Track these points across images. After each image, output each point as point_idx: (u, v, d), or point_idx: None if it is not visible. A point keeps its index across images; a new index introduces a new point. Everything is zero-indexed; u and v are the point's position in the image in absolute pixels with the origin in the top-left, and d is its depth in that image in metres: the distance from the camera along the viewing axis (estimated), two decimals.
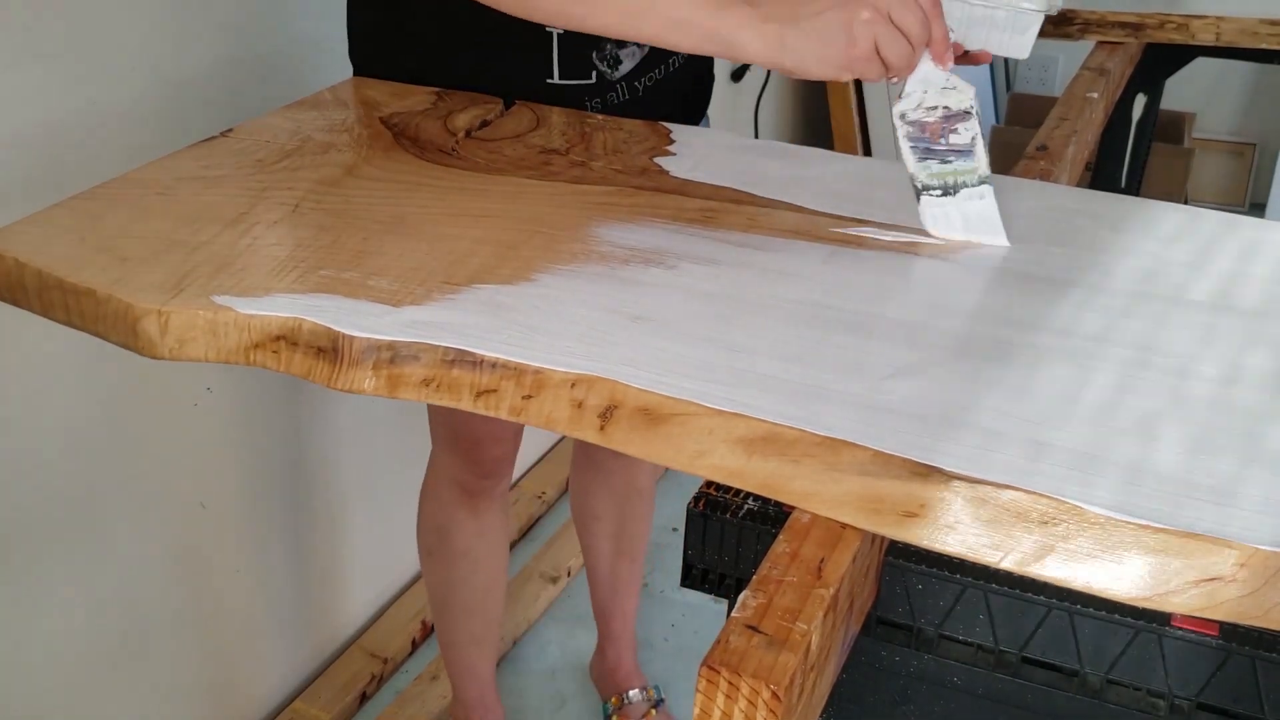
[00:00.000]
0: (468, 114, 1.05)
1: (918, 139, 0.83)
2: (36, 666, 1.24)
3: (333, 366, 0.72)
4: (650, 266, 0.79)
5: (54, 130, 1.12)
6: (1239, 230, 0.89)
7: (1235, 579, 0.55)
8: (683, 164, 0.96)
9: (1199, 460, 0.61)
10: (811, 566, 0.61)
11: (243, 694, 1.54)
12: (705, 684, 0.55)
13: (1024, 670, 0.68)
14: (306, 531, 1.60)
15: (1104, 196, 0.94)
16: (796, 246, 0.83)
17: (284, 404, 1.50)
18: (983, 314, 0.75)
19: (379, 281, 0.76)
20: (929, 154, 0.83)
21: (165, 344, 0.73)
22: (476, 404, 0.70)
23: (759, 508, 0.71)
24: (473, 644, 1.48)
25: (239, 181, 0.90)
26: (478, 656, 1.49)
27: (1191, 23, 1.52)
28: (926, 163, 0.84)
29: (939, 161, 0.83)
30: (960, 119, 0.82)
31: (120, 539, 1.30)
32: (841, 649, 0.66)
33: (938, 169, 0.83)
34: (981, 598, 0.67)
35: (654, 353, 0.69)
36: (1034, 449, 0.61)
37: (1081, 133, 1.26)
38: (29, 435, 1.17)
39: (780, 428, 0.63)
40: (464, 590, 1.42)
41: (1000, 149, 2.91)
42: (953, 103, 0.82)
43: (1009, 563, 0.59)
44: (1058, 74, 3.30)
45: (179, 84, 1.23)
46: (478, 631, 1.46)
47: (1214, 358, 0.70)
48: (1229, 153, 3.19)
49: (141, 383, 1.27)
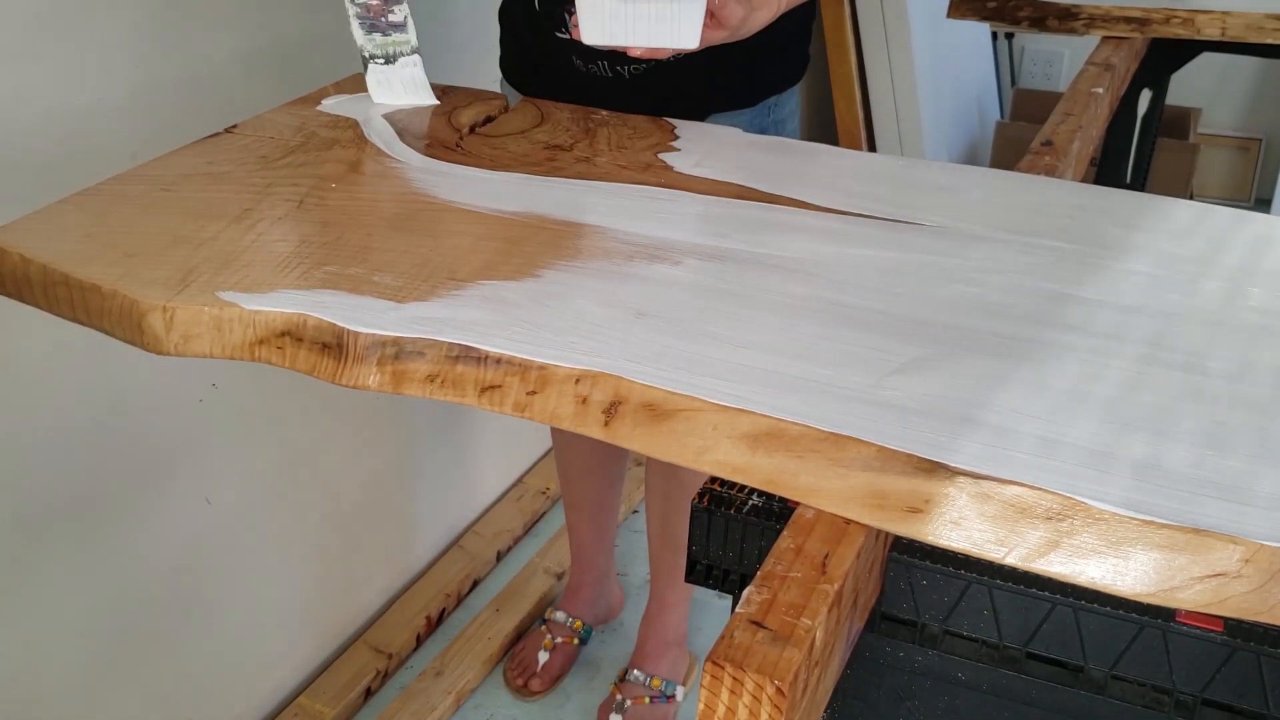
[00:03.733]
0: (472, 110, 1.05)
1: (364, 17, 1.02)
2: (41, 662, 1.24)
3: (338, 363, 0.72)
4: (654, 262, 0.79)
5: (59, 127, 1.12)
6: (1248, 226, 0.88)
7: (1240, 575, 0.55)
8: (687, 159, 0.96)
9: (1207, 456, 0.61)
10: (816, 562, 0.61)
11: (247, 689, 1.55)
12: (710, 679, 0.55)
13: (1029, 666, 0.68)
14: (311, 527, 1.60)
15: (1110, 192, 0.94)
16: (801, 242, 0.83)
17: (289, 400, 1.50)
18: (989, 310, 0.75)
19: (384, 277, 0.76)
20: (374, 28, 1.02)
21: (170, 340, 0.73)
22: (481, 400, 0.70)
23: (763, 503, 0.71)
24: (570, 506, 1.71)
25: (243, 178, 0.90)
26: (575, 517, 1.71)
27: (1197, 17, 1.52)
28: (373, 35, 1.02)
29: (382, 34, 1.02)
30: (394, 1, 1.02)
31: (126, 534, 1.30)
32: (845, 645, 0.66)
33: (381, 40, 1.02)
34: (986, 593, 0.67)
35: (658, 348, 0.69)
36: (1041, 445, 0.61)
37: (1086, 128, 1.26)
38: (33, 431, 1.17)
39: (784, 423, 0.63)
40: (560, 458, 1.68)
41: (1005, 144, 2.91)
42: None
43: (1014, 558, 0.59)
44: (1063, 69, 3.30)
45: (183, 80, 1.23)
46: (573, 496, 1.69)
47: (1223, 354, 0.70)
48: (1234, 148, 3.18)
49: (147, 379, 1.27)
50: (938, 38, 2.74)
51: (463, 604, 1.83)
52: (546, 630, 1.73)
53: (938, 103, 2.76)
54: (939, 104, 2.77)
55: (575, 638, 1.72)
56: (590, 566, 1.74)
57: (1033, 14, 1.56)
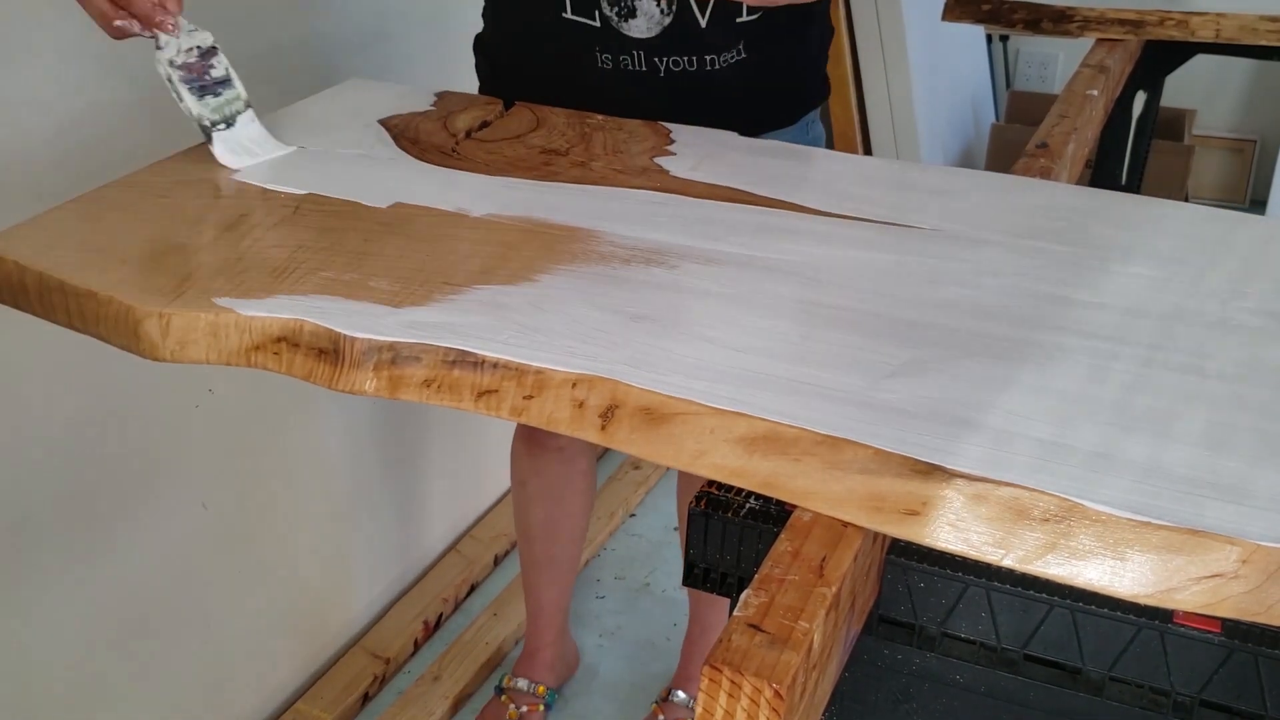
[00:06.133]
0: (468, 115, 1.05)
1: (190, 80, 0.93)
2: (37, 667, 1.24)
3: (334, 368, 0.72)
4: (651, 266, 0.79)
5: (55, 133, 1.12)
6: (1245, 228, 0.89)
7: (1238, 575, 0.55)
8: (683, 163, 0.96)
9: (1204, 457, 0.61)
10: (813, 565, 0.61)
11: (244, 695, 1.54)
12: (708, 683, 0.55)
13: (1026, 668, 0.68)
14: (308, 532, 1.60)
15: (1106, 194, 0.94)
16: (797, 245, 0.83)
17: (285, 405, 1.50)
18: (986, 312, 0.75)
19: (380, 283, 0.76)
20: (204, 91, 0.93)
21: (167, 346, 0.73)
22: (478, 405, 0.70)
23: (760, 506, 0.70)
24: (530, 567, 1.61)
25: (239, 184, 0.90)
26: (534, 579, 1.61)
27: (1191, 19, 1.52)
28: (205, 100, 0.93)
29: (213, 96, 0.93)
30: (211, 54, 0.94)
31: (122, 540, 1.30)
32: (843, 648, 0.66)
33: (214, 103, 0.93)
34: (984, 595, 0.67)
35: (655, 352, 0.69)
36: (1038, 447, 0.61)
37: (1081, 130, 1.26)
38: (30, 437, 1.17)
39: (781, 426, 0.63)
40: (522, 517, 1.57)
41: (1000, 146, 2.92)
42: (200, 41, 0.93)
43: (1011, 560, 0.59)
44: (1057, 71, 3.30)
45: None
46: (534, 556, 1.59)
47: (1221, 355, 0.70)
48: (1229, 150, 3.19)
49: (143, 385, 1.27)
50: (933, 41, 2.75)
51: (460, 608, 1.83)
52: (509, 700, 1.62)
53: (933, 105, 2.76)
54: (934, 107, 2.77)
55: (540, 704, 1.62)
56: (550, 627, 1.64)
57: (1027, 17, 1.56)
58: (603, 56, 1.11)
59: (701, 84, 1.12)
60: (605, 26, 1.09)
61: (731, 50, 1.12)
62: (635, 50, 1.10)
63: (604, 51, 1.11)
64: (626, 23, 1.08)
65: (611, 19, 1.08)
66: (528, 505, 1.55)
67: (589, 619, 1.82)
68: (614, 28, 1.09)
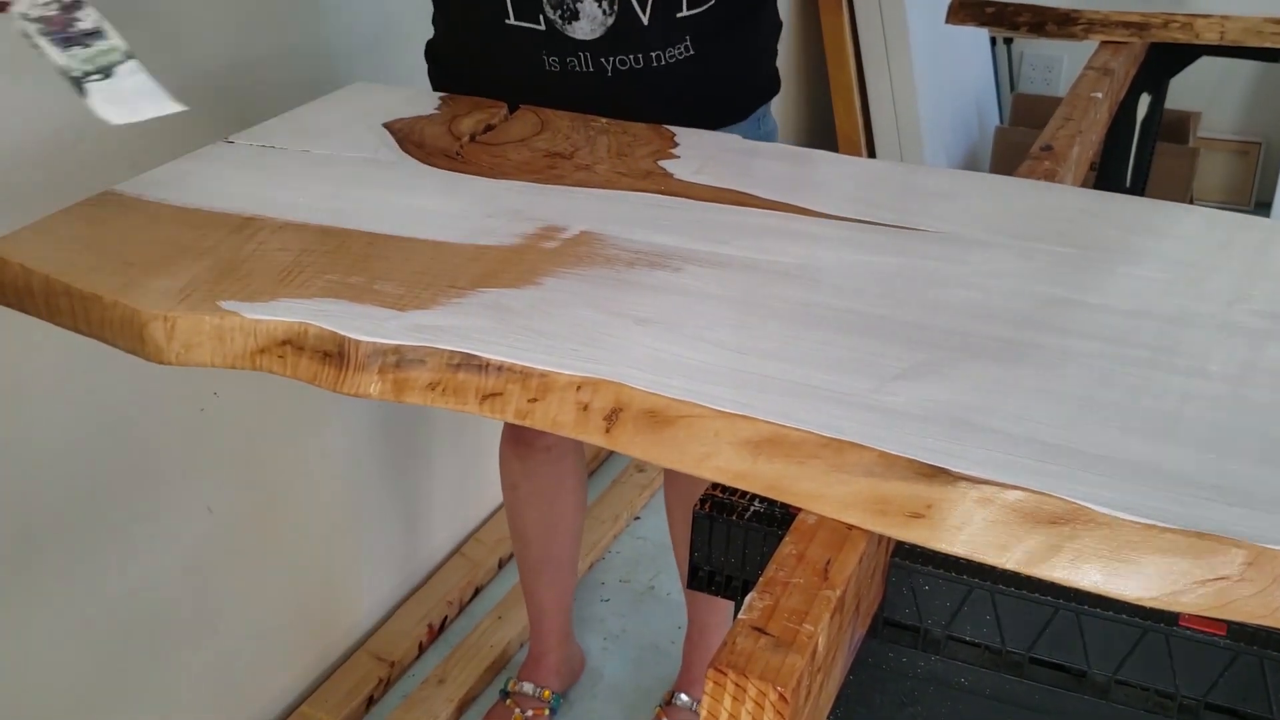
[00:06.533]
0: (472, 118, 1.05)
1: (50, 32, 0.84)
2: (43, 672, 1.24)
3: (339, 371, 0.72)
4: (655, 269, 0.79)
5: (59, 136, 1.13)
6: (1250, 230, 0.88)
7: (1244, 578, 0.55)
8: (687, 167, 0.96)
9: (1209, 460, 0.61)
10: (818, 568, 0.61)
11: (249, 698, 1.55)
12: (712, 686, 0.55)
13: (1031, 671, 0.68)
14: (313, 535, 1.60)
15: (1111, 196, 0.94)
16: (801, 248, 0.83)
17: (290, 409, 1.50)
18: (991, 315, 0.75)
19: (384, 286, 0.76)
20: (68, 42, 0.85)
21: (172, 349, 0.73)
22: (482, 407, 0.70)
23: (765, 509, 0.70)
24: (528, 570, 1.60)
25: (243, 187, 0.90)
26: (533, 583, 1.61)
27: (1196, 22, 1.52)
28: (71, 50, 0.85)
29: (81, 47, 0.85)
30: (75, 8, 0.85)
31: (127, 543, 1.30)
32: (848, 650, 0.65)
33: (83, 53, 0.85)
34: (988, 598, 0.67)
35: (659, 355, 0.69)
36: (1043, 449, 0.61)
37: (1086, 133, 1.26)
38: (36, 441, 1.17)
39: (786, 429, 0.63)
40: (516, 520, 1.56)
41: (1004, 149, 2.91)
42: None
43: (1016, 563, 0.59)
44: (1062, 74, 3.30)
45: (181, 90, 1.24)
46: (531, 559, 1.59)
47: (1226, 357, 0.70)
48: (1234, 152, 3.19)
49: (148, 388, 1.27)
50: (937, 43, 2.75)
51: (465, 611, 1.83)
52: (514, 704, 1.63)
53: (937, 108, 2.76)
54: (938, 109, 2.77)
55: (546, 708, 1.63)
56: (553, 630, 1.65)
57: (1031, 19, 1.56)
58: (550, 60, 1.11)
59: (650, 82, 1.13)
60: (550, 30, 1.09)
61: (677, 47, 1.12)
62: (581, 52, 1.11)
63: (550, 55, 1.11)
64: (570, 25, 1.09)
65: (556, 22, 1.09)
66: (521, 508, 1.55)
67: (593, 622, 1.81)
68: (558, 30, 1.09)
